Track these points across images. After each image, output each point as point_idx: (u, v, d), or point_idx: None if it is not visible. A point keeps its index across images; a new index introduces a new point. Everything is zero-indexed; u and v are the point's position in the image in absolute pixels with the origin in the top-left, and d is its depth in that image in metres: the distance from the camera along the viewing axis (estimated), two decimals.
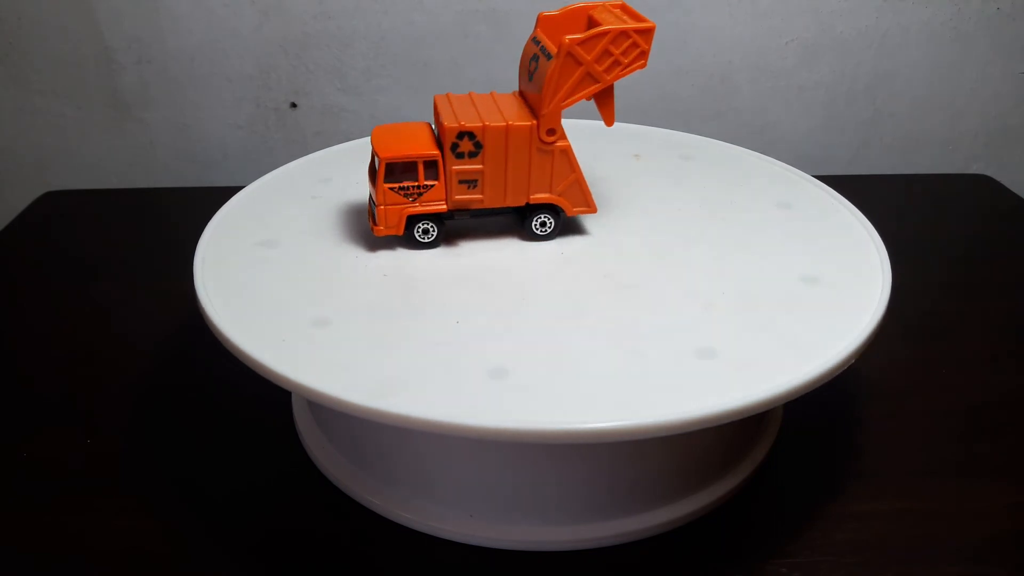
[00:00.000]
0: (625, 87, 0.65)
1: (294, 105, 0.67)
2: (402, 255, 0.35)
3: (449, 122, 0.34)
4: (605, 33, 0.32)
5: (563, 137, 0.34)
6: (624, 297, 0.32)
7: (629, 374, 0.28)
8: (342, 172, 0.43)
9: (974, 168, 0.69)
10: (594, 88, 0.34)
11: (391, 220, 0.35)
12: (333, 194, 0.40)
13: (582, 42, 0.32)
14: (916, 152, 0.69)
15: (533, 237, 0.36)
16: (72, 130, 0.68)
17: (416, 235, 0.35)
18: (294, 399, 0.39)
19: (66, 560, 0.32)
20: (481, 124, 0.34)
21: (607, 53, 0.33)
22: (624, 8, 0.35)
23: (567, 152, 0.35)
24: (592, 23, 0.34)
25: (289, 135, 0.68)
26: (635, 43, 0.33)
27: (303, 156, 0.45)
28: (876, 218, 0.38)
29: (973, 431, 0.38)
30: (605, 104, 0.35)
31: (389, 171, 0.34)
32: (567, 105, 0.34)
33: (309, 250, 0.35)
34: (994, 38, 0.64)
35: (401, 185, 0.34)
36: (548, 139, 0.34)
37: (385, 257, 0.35)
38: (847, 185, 0.44)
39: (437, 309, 0.31)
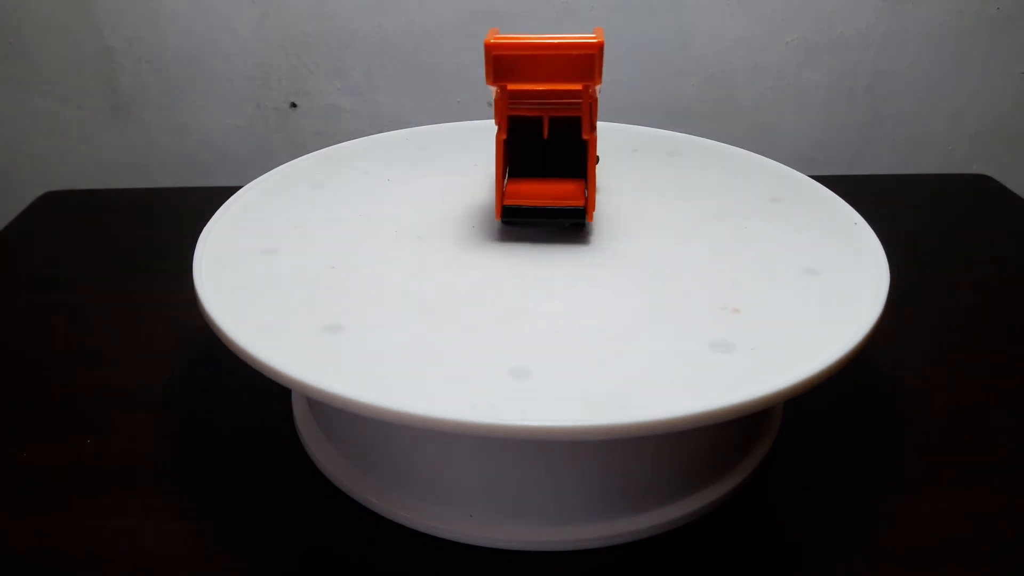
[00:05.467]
0: (625, 86, 0.66)
1: (294, 105, 0.67)
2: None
3: None
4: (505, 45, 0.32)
5: (499, 135, 0.35)
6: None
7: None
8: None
9: (974, 168, 0.69)
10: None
11: None
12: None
13: (495, 44, 0.31)
14: (916, 152, 0.69)
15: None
16: (72, 130, 0.68)
17: None
18: (294, 399, 0.39)
19: (63, 561, 0.32)
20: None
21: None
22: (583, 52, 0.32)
23: (496, 150, 0.35)
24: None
25: (289, 135, 0.68)
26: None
27: (303, 156, 0.45)
28: (876, 218, 0.38)
29: (974, 432, 0.38)
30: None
31: None
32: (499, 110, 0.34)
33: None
34: (994, 38, 0.64)
35: None
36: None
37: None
38: (847, 185, 0.44)
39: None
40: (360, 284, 0.33)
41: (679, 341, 0.29)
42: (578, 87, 0.33)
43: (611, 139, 0.47)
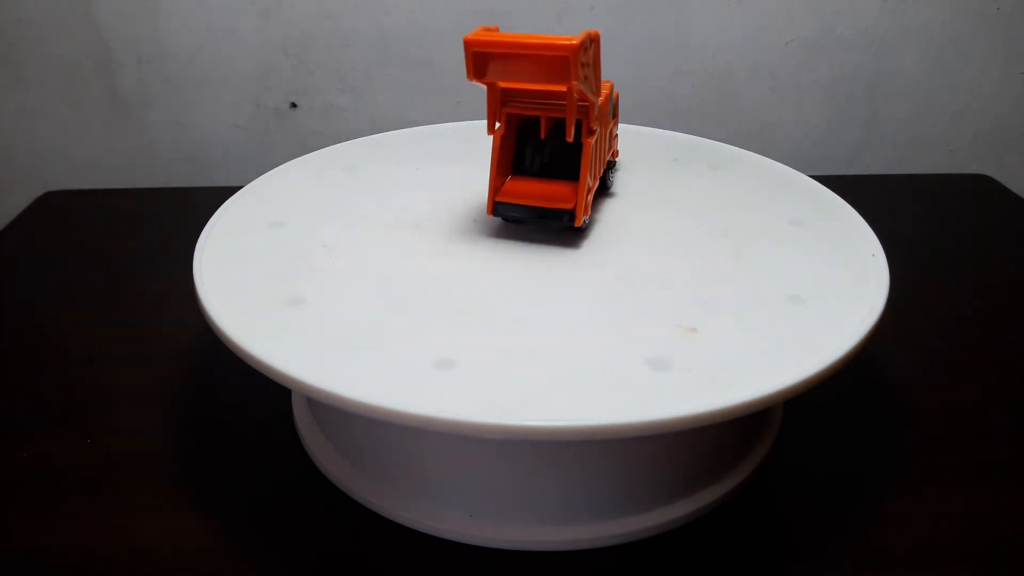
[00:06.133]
0: (625, 86, 0.66)
1: (294, 105, 0.67)
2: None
3: None
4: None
5: (495, 132, 0.35)
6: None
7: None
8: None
9: (974, 168, 0.69)
10: None
11: None
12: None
13: (473, 40, 0.31)
14: (916, 152, 0.69)
15: None
16: (72, 130, 0.68)
17: None
18: (294, 398, 0.39)
19: (63, 561, 0.32)
20: None
21: None
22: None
23: (492, 146, 0.35)
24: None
25: (289, 135, 0.68)
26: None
27: (303, 156, 0.45)
28: (876, 219, 0.38)
29: (974, 432, 0.38)
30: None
31: None
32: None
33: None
34: (994, 38, 0.64)
35: None
36: None
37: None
38: (847, 185, 0.44)
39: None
40: (340, 263, 0.34)
41: (617, 354, 0.28)
42: (563, 88, 0.32)
43: (654, 146, 0.46)
